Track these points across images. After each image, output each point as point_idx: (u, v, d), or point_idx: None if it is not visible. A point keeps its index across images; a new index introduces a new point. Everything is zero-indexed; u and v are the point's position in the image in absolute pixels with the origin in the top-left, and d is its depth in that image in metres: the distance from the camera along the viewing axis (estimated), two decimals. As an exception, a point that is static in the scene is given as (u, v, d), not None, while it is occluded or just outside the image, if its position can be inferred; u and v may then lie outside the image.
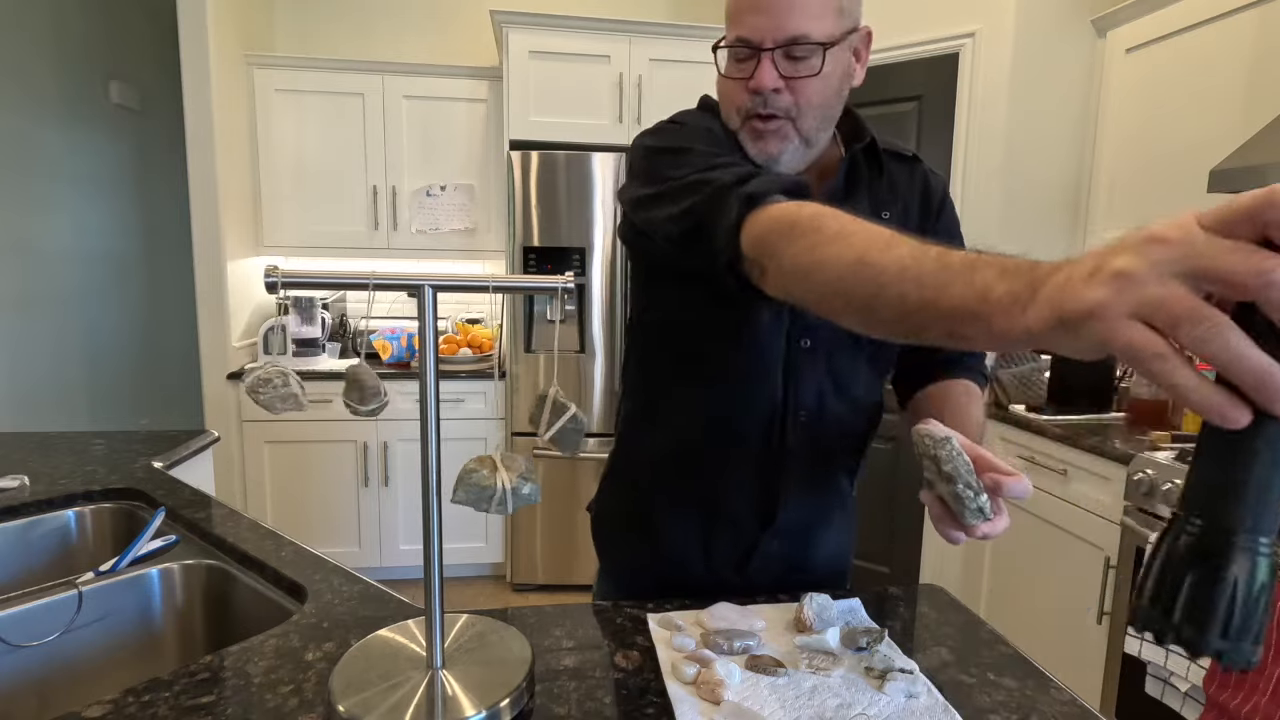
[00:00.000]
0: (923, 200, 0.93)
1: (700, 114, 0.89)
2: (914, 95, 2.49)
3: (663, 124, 0.88)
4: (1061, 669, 1.96)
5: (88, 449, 1.52)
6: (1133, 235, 0.37)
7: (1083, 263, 0.38)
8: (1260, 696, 1.33)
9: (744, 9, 0.78)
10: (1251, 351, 0.32)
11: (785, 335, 0.87)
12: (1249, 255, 0.32)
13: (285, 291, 0.64)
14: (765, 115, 0.80)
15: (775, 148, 0.82)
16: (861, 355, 0.92)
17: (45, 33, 2.87)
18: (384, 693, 0.66)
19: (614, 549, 1.05)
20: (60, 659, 0.94)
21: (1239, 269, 0.32)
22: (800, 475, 0.93)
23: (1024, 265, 0.43)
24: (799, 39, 0.76)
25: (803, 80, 0.79)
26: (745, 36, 0.77)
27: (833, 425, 0.92)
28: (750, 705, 0.68)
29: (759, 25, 0.76)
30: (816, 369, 0.90)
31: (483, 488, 0.66)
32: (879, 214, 0.89)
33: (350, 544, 2.94)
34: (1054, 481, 2.05)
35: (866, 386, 0.94)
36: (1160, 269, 0.35)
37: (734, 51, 0.80)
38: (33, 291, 2.85)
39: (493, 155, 3.09)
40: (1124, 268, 0.36)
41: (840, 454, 0.97)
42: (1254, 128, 1.75)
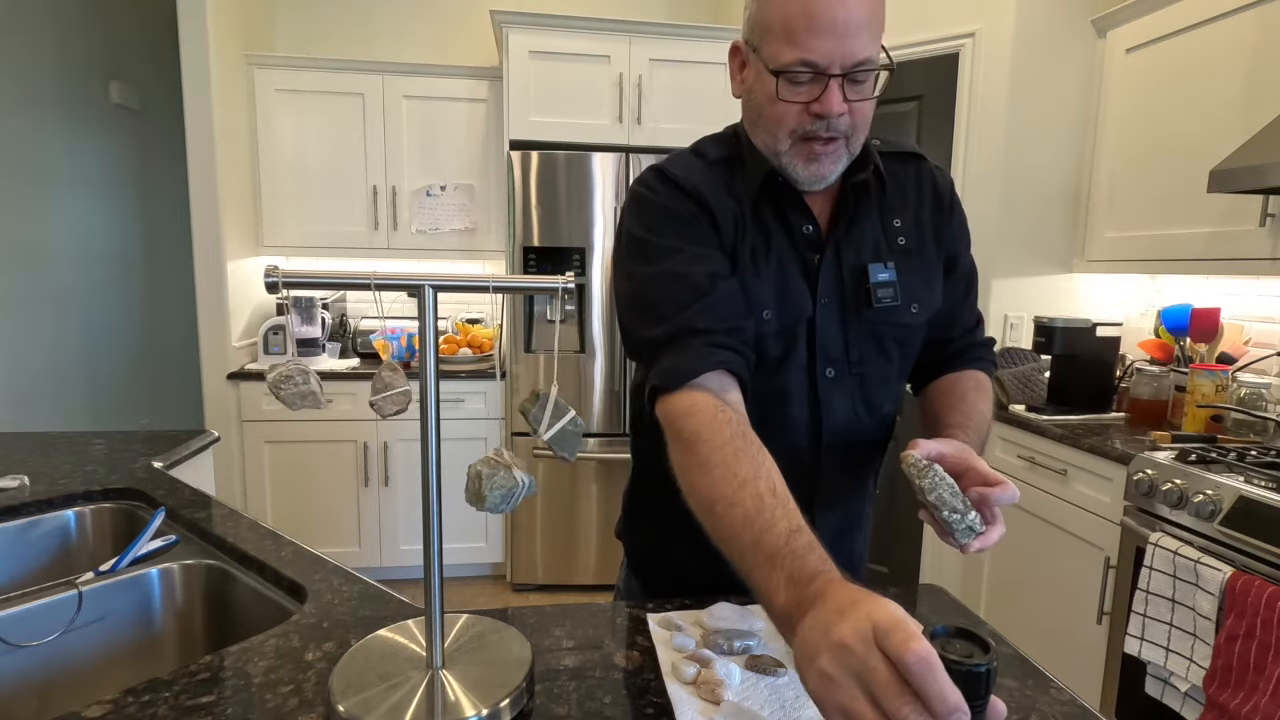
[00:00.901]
0: (934, 202, 0.92)
1: (684, 179, 0.85)
2: (914, 95, 2.49)
3: (644, 196, 0.86)
4: (1061, 669, 1.96)
5: (87, 449, 1.52)
6: (825, 628, 0.47)
7: (813, 629, 0.49)
8: (1260, 696, 1.33)
9: (807, 31, 0.73)
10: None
11: (806, 370, 0.87)
12: (901, 705, 0.42)
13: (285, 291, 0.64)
14: (826, 139, 0.79)
15: (829, 169, 0.82)
16: (892, 371, 0.92)
17: (45, 33, 2.87)
18: (384, 693, 0.66)
19: (647, 563, 1.05)
20: (60, 659, 0.94)
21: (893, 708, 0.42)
22: (832, 489, 0.93)
23: (804, 578, 0.54)
24: (865, 62, 0.76)
25: (860, 102, 0.79)
26: (812, 60, 0.74)
27: (861, 439, 0.93)
28: (750, 705, 0.67)
29: (829, 50, 0.74)
30: (844, 394, 0.89)
31: (509, 488, 0.66)
32: (890, 224, 0.89)
33: (350, 544, 2.94)
34: (1054, 481, 2.05)
35: (890, 400, 0.95)
36: (847, 675, 0.45)
37: (794, 74, 0.76)
38: (33, 291, 2.85)
39: (493, 155, 3.09)
40: (825, 669, 0.46)
41: (867, 462, 0.98)
42: (1254, 128, 1.75)
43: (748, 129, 0.86)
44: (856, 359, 0.88)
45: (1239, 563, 1.44)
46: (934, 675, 0.42)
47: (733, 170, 0.87)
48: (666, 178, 0.86)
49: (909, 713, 0.42)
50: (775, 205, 0.86)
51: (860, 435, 0.92)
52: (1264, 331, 2.08)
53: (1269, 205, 1.75)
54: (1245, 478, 1.52)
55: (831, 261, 0.86)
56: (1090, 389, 2.21)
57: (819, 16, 0.72)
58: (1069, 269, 2.43)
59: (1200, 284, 2.28)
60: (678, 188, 0.85)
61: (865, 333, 0.88)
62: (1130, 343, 2.41)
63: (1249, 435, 1.83)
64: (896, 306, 0.87)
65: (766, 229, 0.86)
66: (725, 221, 0.84)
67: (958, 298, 0.97)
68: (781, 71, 0.76)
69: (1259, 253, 1.79)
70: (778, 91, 0.77)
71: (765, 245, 0.85)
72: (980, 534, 0.70)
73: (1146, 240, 2.13)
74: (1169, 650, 1.53)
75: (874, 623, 0.45)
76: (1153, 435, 1.90)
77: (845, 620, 0.46)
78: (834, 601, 0.49)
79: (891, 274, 0.86)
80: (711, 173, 0.86)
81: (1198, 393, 1.91)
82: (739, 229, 0.85)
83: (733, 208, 0.85)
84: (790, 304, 0.85)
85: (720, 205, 0.84)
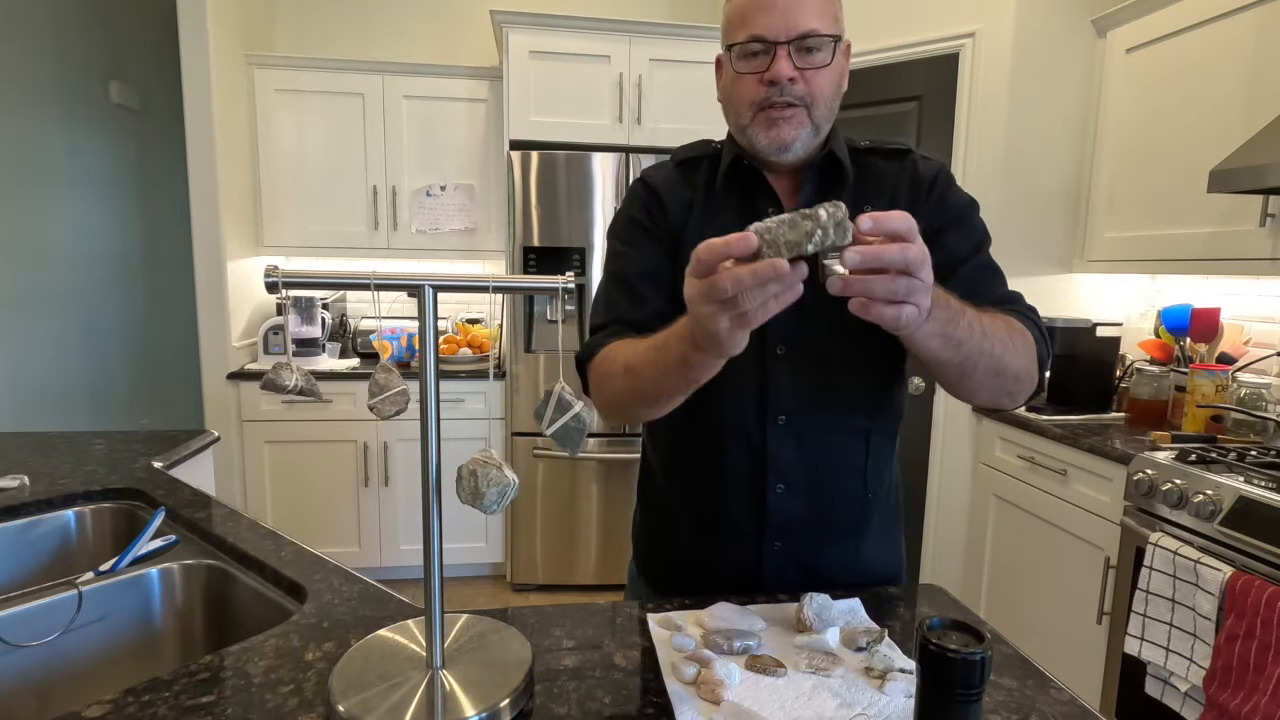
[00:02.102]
0: (912, 187, 0.94)
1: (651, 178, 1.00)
2: (914, 95, 2.49)
3: (623, 203, 1.02)
4: (1061, 669, 1.96)
5: (88, 449, 1.52)
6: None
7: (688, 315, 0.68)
8: (1260, 696, 1.33)
9: (753, 10, 0.83)
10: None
11: (757, 346, 0.88)
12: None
13: (285, 291, 0.64)
14: (781, 103, 0.85)
15: (790, 134, 0.86)
16: (858, 355, 0.91)
17: (45, 33, 2.87)
18: (384, 693, 0.66)
19: (644, 550, 1.09)
20: (60, 659, 0.94)
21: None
22: (791, 479, 0.93)
23: (685, 329, 0.71)
24: (810, 33, 0.83)
25: (815, 71, 0.85)
26: (759, 34, 0.83)
27: (823, 423, 0.93)
28: (750, 705, 0.68)
29: (772, 24, 0.82)
30: (796, 373, 0.91)
31: (503, 485, 0.67)
32: (860, 209, 0.88)
33: (350, 544, 2.94)
34: (1054, 481, 2.05)
35: (861, 387, 0.94)
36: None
37: (745, 49, 0.85)
38: (33, 291, 2.85)
39: (493, 155, 3.09)
40: (690, 300, 0.65)
41: (838, 455, 0.95)
42: (1254, 128, 1.75)
43: (724, 112, 0.94)
44: (812, 337, 0.91)
45: (1239, 563, 1.44)
46: (702, 248, 0.61)
47: (696, 168, 0.99)
48: (642, 179, 1.01)
49: (720, 278, 0.60)
50: (740, 188, 0.95)
51: (818, 417, 0.92)
52: (1264, 331, 2.08)
53: (1269, 205, 1.75)
54: (1245, 478, 1.52)
55: None
56: (1090, 389, 2.20)
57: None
58: (1069, 269, 2.43)
59: (1200, 284, 2.28)
60: (645, 185, 0.99)
61: (822, 314, 0.85)
62: (1130, 343, 2.41)
63: (1249, 435, 1.83)
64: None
65: (722, 212, 0.94)
66: (676, 207, 0.96)
67: (952, 262, 0.90)
68: (735, 47, 0.86)
69: (1259, 253, 1.79)
70: (733, 65, 0.87)
71: (714, 226, 0.91)
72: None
73: (1146, 240, 2.13)
74: (1169, 650, 1.53)
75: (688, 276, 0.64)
76: (1153, 435, 1.90)
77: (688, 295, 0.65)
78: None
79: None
80: (675, 171, 1.00)
81: (1198, 393, 1.91)
82: (688, 213, 0.96)
83: (685, 197, 0.97)
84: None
85: (672, 195, 0.97)
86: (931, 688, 0.53)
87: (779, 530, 0.94)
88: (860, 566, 1.00)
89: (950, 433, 2.47)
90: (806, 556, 0.96)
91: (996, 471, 2.31)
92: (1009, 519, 2.27)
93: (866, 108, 2.59)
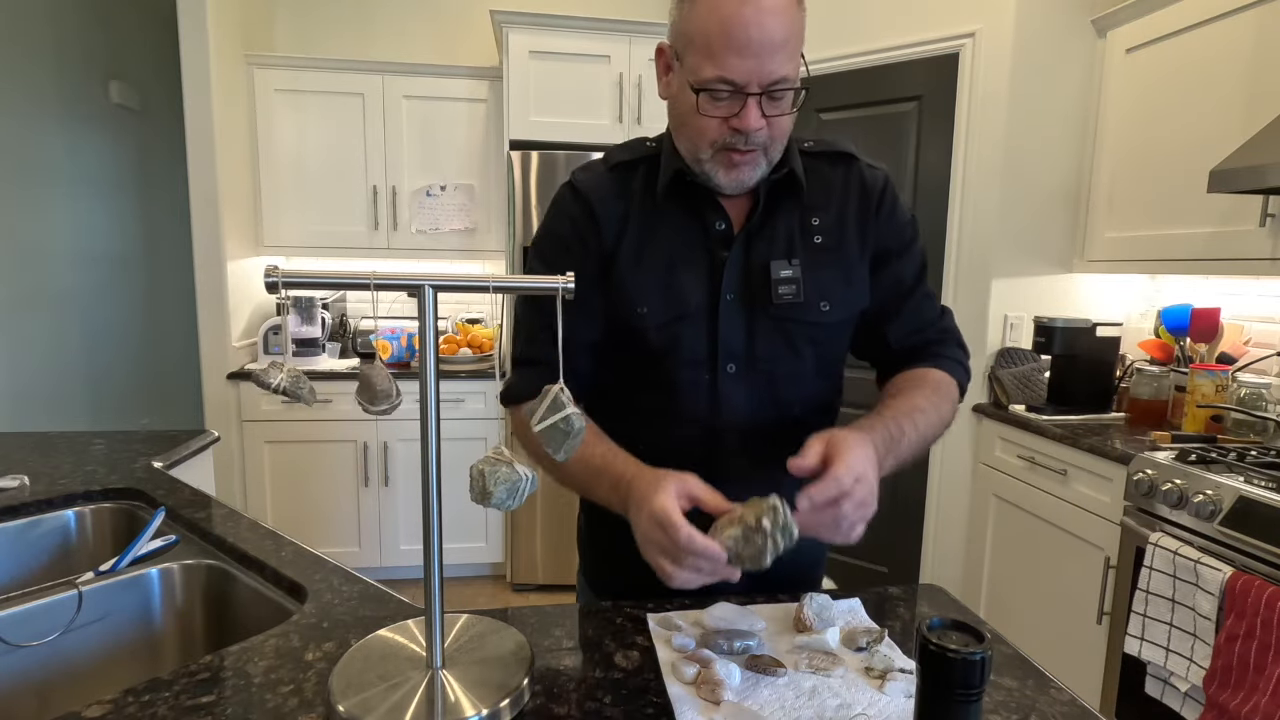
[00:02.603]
0: (861, 199, 0.93)
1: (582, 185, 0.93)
2: (914, 95, 2.49)
3: (548, 212, 0.96)
4: (1061, 669, 1.96)
5: (88, 449, 1.52)
6: (636, 512, 0.76)
7: (633, 514, 0.77)
8: (1260, 696, 1.33)
9: (725, 50, 0.76)
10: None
11: (708, 365, 0.90)
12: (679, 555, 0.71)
13: (285, 291, 0.64)
14: (745, 150, 0.82)
15: (749, 175, 0.85)
16: (804, 369, 0.92)
17: (45, 33, 2.87)
18: (384, 693, 0.66)
19: (589, 552, 1.10)
20: (60, 659, 0.94)
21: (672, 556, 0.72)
22: (738, 487, 0.89)
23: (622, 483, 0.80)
24: (781, 80, 0.78)
25: (778, 117, 0.82)
26: (731, 79, 0.77)
27: (770, 437, 0.92)
28: (750, 705, 0.68)
29: (746, 69, 0.76)
30: (747, 390, 0.91)
31: (513, 482, 0.66)
32: (809, 221, 0.91)
33: (350, 544, 2.94)
34: (1054, 481, 2.05)
35: (807, 399, 0.94)
36: (649, 541, 0.74)
37: (714, 90, 0.79)
38: (33, 292, 2.85)
39: (493, 155, 3.09)
40: (642, 536, 0.75)
41: (782, 468, 0.95)
42: (1254, 128, 1.75)
43: (673, 131, 0.89)
44: (763, 355, 0.90)
45: (1239, 563, 1.44)
46: (682, 539, 0.69)
47: (632, 172, 0.93)
48: (570, 184, 0.94)
49: (682, 557, 0.70)
50: (685, 203, 0.90)
51: (768, 434, 0.92)
52: (1264, 331, 2.08)
53: (1269, 205, 1.75)
54: (1245, 478, 1.52)
55: (738, 258, 0.89)
56: (1090, 389, 2.20)
57: (736, 36, 0.75)
58: (1069, 269, 2.43)
59: (1200, 284, 2.28)
60: (574, 192, 0.93)
61: (773, 329, 0.89)
62: (1130, 343, 2.41)
63: (1249, 435, 1.83)
64: (800, 304, 0.88)
65: (663, 227, 0.90)
66: (609, 222, 0.91)
67: (900, 294, 0.95)
68: (701, 89, 0.79)
69: (1259, 253, 1.79)
70: (699, 106, 0.80)
71: (655, 243, 0.90)
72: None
73: (1146, 240, 2.13)
74: (1169, 650, 1.53)
75: (653, 515, 0.71)
76: (1153, 435, 1.90)
77: (641, 511, 0.74)
78: (635, 497, 0.76)
79: (795, 271, 0.88)
80: (608, 177, 0.93)
81: (1198, 393, 1.91)
82: (623, 227, 0.90)
83: (620, 209, 0.91)
84: (674, 301, 0.88)
85: (605, 210, 0.91)
86: (931, 688, 0.53)
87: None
88: (797, 557, 0.99)
89: (950, 433, 2.45)
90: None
91: (996, 471, 2.31)
92: (1009, 519, 2.27)
93: (866, 108, 2.59)
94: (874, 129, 2.58)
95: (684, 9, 0.80)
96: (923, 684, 0.54)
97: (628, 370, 0.92)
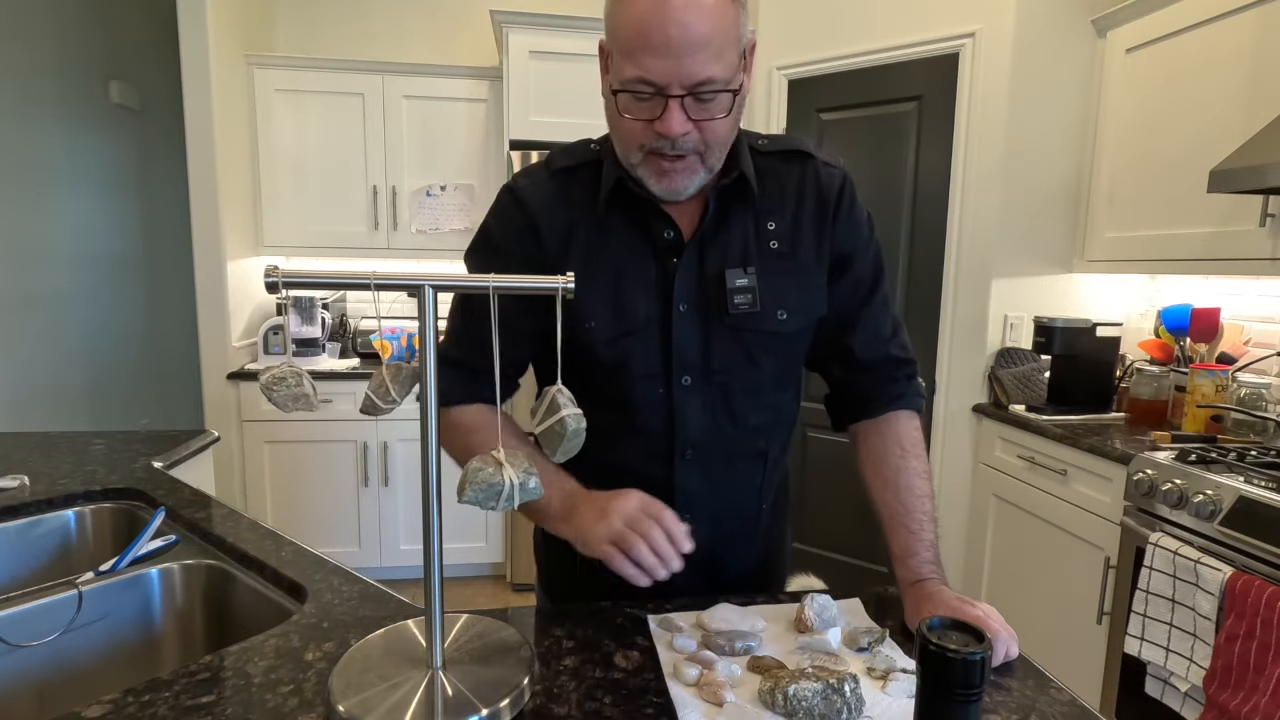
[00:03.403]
0: (817, 202, 0.89)
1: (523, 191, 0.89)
2: (914, 95, 2.49)
3: (488, 216, 0.92)
4: (1061, 669, 1.96)
5: (88, 449, 1.52)
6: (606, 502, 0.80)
7: (591, 506, 0.81)
8: (1260, 696, 1.33)
9: (642, 49, 0.71)
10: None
11: (662, 378, 0.87)
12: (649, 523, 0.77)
13: (285, 291, 0.64)
14: (674, 156, 0.78)
15: (683, 183, 0.80)
16: (763, 381, 0.90)
17: (45, 33, 2.86)
18: (384, 693, 0.66)
19: (548, 569, 1.05)
20: (60, 659, 0.94)
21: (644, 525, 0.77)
22: (696, 506, 0.90)
23: (577, 494, 0.83)
24: (707, 82, 0.73)
25: (709, 121, 0.77)
26: (650, 79, 0.73)
27: (727, 450, 0.91)
28: (752, 706, 0.67)
29: (664, 69, 0.72)
30: (703, 403, 0.88)
31: (490, 484, 0.66)
32: (764, 226, 0.87)
33: (350, 544, 2.94)
34: (1054, 481, 2.05)
35: (762, 410, 0.92)
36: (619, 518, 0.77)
37: (634, 91, 0.74)
38: (33, 291, 2.85)
39: (493, 155, 3.08)
40: (610, 515, 0.78)
41: (741, 475, 0.94)
42: (1254, 128, 1.75)
43: (612, 138, 0.85)
44: (720, 366, 0.87)
45: (1239, 563, 1.44)
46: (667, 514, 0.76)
47: (574, 179, 0.88)
48: (511, 190, 0.89)
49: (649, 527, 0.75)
50: (630, 212, 0.86)
51: (725, 447, 0.90)
52: (1264, 331, 2.08)
53: (1269, 205, 1.75)
54: (1245, 478, 1.52)
55: (690, 267, 0.85)
56: (1090, 389, 2.20)
57: (652, 35, 0.70)
58: (1069, 269, 2.43)
59: (1200, 284, 2.28)
60: (515, 200, 0.88)
61: (729, 339, 0.87)
62: (1130, 343, 2.41)
63: (1249, 435, 1.83)
64: (756, 313, 0.85)
65: (610, 238, 0.86)
66: (552, 233, 0.86)
67: (858, 300, 0.93)
68: (622, 89, 0.75)
69: (1259, 253, 1.79)
70: (620, 107, 0.76)
71: (602, 254, 0.86)
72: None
73: (1146, 240, 2.13)
74: (1169, 650, 1.53)
75: (641, 502, 0.78)
76: (1153, 435, 1.90)
77: (623, 500, 0.78)
78: (599, 498, 0.80)
79: (750, 279, 0.84)
80: (551, 183, 0.88)
81: (1198, 393, 1.91)
82: (569, 238, 0.86)
83: (565, 219, 0.87)
84: (624, 315, 0.85)
85: (549, 220, 0.86)
86: (931, 688, 0.53)
87: (685, 559, 0.91)
88: (753, 561, 1.00)
89: (950, 433, 2.47)
90: (708, 569, 0.93)
91: (996, 471, 2.31)
92: (1009, 519, 2.27)
93: (866, 108, 2.59)
94: (874, 129, 2.58)
95: (612, 5, 0.75)
96: (923, 684, 0.54)
97: (580, 385, 0.84)
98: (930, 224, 2.47)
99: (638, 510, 0.77)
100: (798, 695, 0.65)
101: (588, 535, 0.78)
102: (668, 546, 0.75)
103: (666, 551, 0.75)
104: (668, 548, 0.75)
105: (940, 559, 0.88)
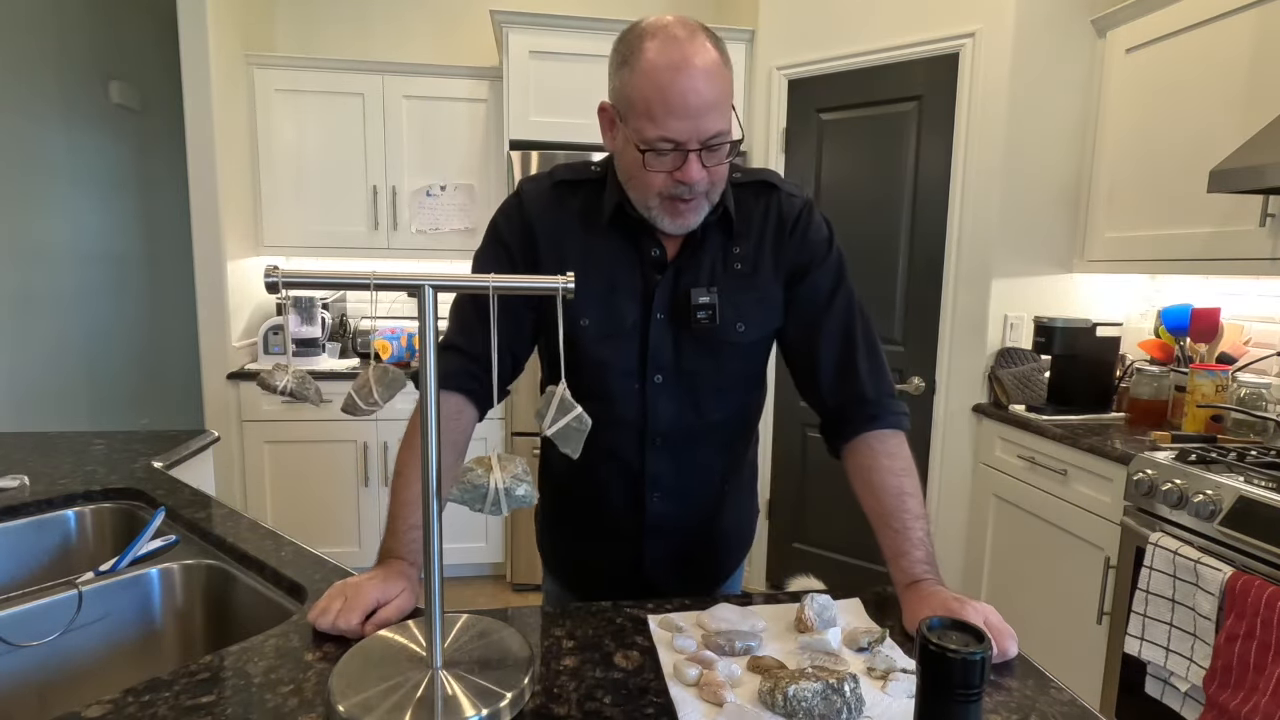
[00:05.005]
0: (777, 227, 1.00)
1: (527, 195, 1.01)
2: (914, 95, 2.49)
3: (497, 213, 1.02)
4: (1061, 669, 1.96)
5: (88, 449, 1.52)
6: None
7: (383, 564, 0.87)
8: (1260, 696, 1.33)
9: (665, 114, 0.85)
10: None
11: (638, 375, 0.99)
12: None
13: (285, 291, 0.64)
14: (689, 199, 0.91)
15: (693, 220, 0.93)
16: (726, 382, 1.02)
17: (46, 33, 2.87)
18: (384, 693, 0.66)
19: (547, 549, 1.20)
20: (60, 659, 0.94)
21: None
22: (664, 485, 1.04)
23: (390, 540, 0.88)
24: (716, 137, 0.87)
25: (717, 166, 0.90)
26: (671, 138, 0.85)
27: (693, 439, 1.03)
28: (753, 706, 0.67)
29: (685, 129, 0.85)
30: (673, 398, 1.00)
31: (475, 486, 0.65)
32: (731, 250, 1.00)
33: (350, 544, 2.94)
34: (1054, 481, 2.05)
35: (728, 404, 1.04)
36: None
37: (657, 149, 0.87)
38: (33, 291, 2.85)
39: (493, 155, 3.08)
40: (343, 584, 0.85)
41: (704, 461, 1.06)
42: (1254, 128, 1.75)
43: (621, 181, 0.96)
44: (689, 368, 1.00)
45: (1239, 563, 1.44)
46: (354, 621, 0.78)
47: (574, 193, 1.00)
48: (519, 193, 1.02)
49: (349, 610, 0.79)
50: (626, 230, 0.98)
51: (690, 437, 1.03)
52: (1264, 331, 2.08)
53: (1269, 205, 1.75)
54: (1245, 478, 1.52)
55: (669, 283, 0.98)
56: (1090, 389, 2.20)
57: (674, 102, 0.84)
58: (1069, 269, 2.43)
59: (1200, 284, 2.28)
60: (519, 201, 1.00)
61: (696, 345, 0.99)
62: (1130, 343, 2.41)
63: (1249, 435, 1.83)
64: (716, 326, 0.97)
65: (607, 250, 0.99)
66: (545, 239, 0.99)
67: (818, 306, 1.00)
68: (647, 149, 0.87)
69: (1259, 253, 1.79)
70: (645, 163, 0.88)
71: (598, 263, 0.98)
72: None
73: (1146, 240, 2.13)
74: (1169, 650, 1.53)
75: (359, 584, 0.83)
76: (1153, 435, 1.90)
77: (379, 574, 0.85)
78: (379, 573, 0.85)
79: (711, 297, 0.97)
80: (551, 192, 1.01)
81: (1198, 393, 1.91)
82: (561, 242, 0.99)
83: (558, 226, 0.99)
84: (614, 317, 0.98)
85: (544, 224, 0.99)
86: (931, 688, 0.53)
87: (655, 529, 1.06)
88: (716, 525, 1.12)
89: (950, 433, 2.47)
90: (677, 542, 1.08)
91: (996, 471, 2.31)
92: (1009, 519, 2.27)
93: (866, 108, 2.59)
94: (874, 129, 2.58)
95: (624, 75, 0.87)
96: (923, 684, 0.54)
97: (567, 379, 0.93)
98: (930, 224, 2.47)
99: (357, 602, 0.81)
100: (798, 695, 0.65)
101: (344, 584, 0.85)
102: (341, 625, 0.79)
103: (339, 628, 0.79)
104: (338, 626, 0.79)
105: (934, 558, 0.92)
